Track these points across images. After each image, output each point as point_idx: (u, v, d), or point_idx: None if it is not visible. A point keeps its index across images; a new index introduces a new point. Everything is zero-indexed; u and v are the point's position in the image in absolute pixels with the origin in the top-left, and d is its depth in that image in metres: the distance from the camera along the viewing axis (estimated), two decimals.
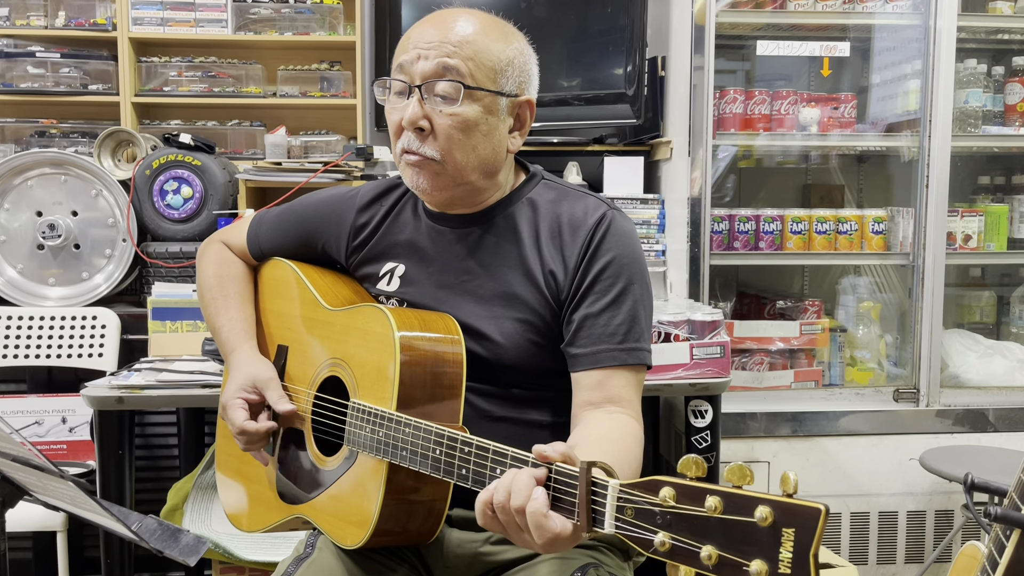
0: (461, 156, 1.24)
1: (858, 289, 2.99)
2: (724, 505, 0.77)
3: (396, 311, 1.25)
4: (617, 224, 1.27)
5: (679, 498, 0.80)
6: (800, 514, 0.73)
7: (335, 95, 3.01)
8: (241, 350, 1.41)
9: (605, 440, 1.15)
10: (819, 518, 0.72)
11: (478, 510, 0.96)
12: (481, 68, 1.23)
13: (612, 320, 1.23)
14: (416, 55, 1.23)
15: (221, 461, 1.52)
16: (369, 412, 1.20)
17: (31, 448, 1.20)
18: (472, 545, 1.28)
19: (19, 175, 2.56)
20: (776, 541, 0.73)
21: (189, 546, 1.21)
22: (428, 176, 1.25)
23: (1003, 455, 2.40)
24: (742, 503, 0.76)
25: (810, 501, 0.73)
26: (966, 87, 2.75)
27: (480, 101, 1.23)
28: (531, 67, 1.30)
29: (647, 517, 0.82)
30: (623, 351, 1.23)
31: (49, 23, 2.93)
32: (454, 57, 1.21)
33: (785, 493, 0.75)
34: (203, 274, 1.52)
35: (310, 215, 1.45)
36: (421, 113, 1.22)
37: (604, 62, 2.79)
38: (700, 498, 0.78)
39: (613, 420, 1.19)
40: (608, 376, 1.22)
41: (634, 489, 0.84)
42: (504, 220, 1.31)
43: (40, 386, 2.60)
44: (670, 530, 0.80)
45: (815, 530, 0.72)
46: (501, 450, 1.01)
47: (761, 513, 0.74)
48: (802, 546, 0.72)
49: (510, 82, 1.26)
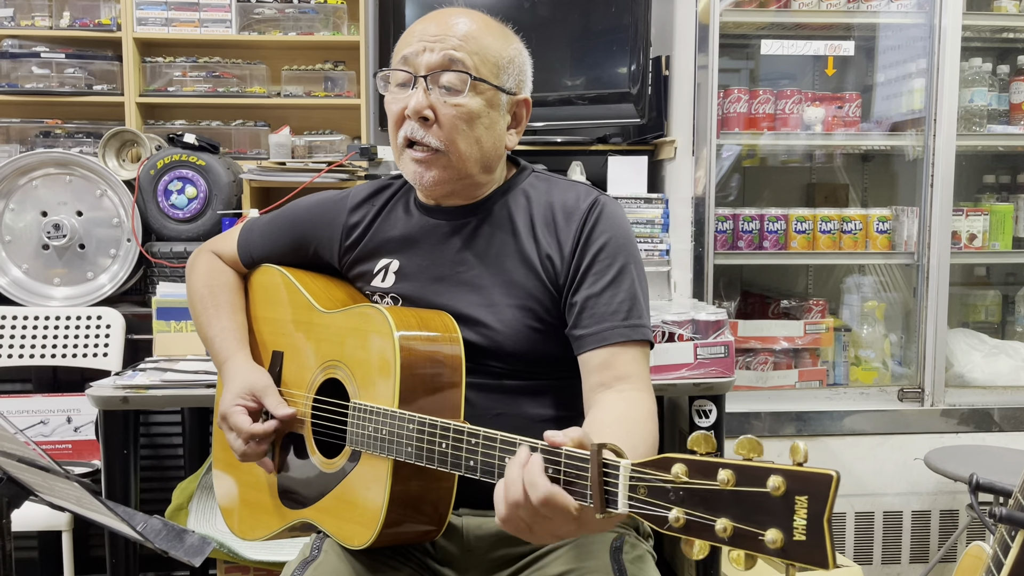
0: (464, 146, 1.26)
1: (862, 288, 2.98)
2: (736, 477, 0.77)
3: (394, 311, 1.25)
4: (609, 208, 1.30)
5: (691, 473, 0.80)
6: (812, 481, 0.73)
7: (339, 95, 3.01)
8: (235, 359, 1.41)
9: (621, 422, 1.15)
10: (831, 484, 0.72)
11: (500, 511, 0.96)
12: (485, 63, 1.26)
13: (614, 299, 1.25)
14: (421, 47, 1.25)
15: (220, 469, 1.51)
16: (371, 411, 1.20)
17: (36, 448, 1.20)
18: (491, 526, 1.27)
19: (24, 175, 2.56)
20: (790, 509, 0.74)
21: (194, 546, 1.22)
22: (435, 169, 1.27)
23: (1008, 455, 2.40)
24: (754, 474, 0.76)
25: (821, 468, 0.73)
26: (971, 86, 2.74)
27: (483, 94, 1.26)
28: (528, 68, 1.35)
29: (660, 494, 0.83)
30: (628, 327, 1.24)
31: (54, 23, 2.94)
32: (460, 50, 1.24)
33: (795, 462, 0.75)
34: (193, 284, 1.52)
35: (301, 219, 1.46)
36: (426, 103, 1.24)
37: (608, 61, 2.78)
38: (712, 472, 0.79)
39: (626, 400, 1.20)
40: (615, 354, 1.23)
41: (646, 467, 0.84)
42: (499, 210, 1.33)
43: (45, 386, 2.61)
44: (684, 506, 0.81)
45: (828, 496, 0.72)
46: (508, 439, 1.01)
47: (773, 483, 0.74)
48: (815, 513, 0.72)
49: (510, 79, 1.30)
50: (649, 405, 1.21)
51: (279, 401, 1.34)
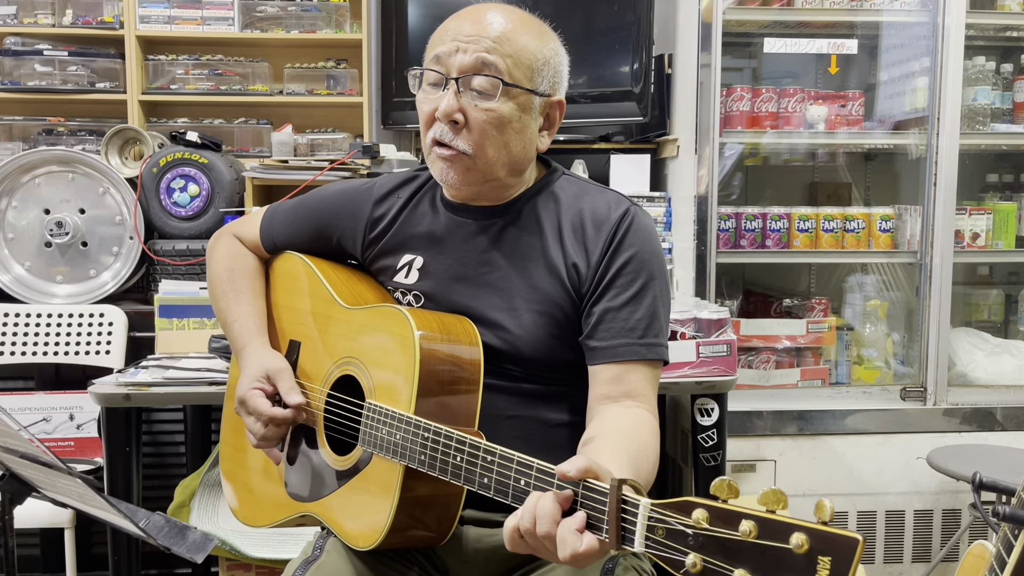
0: (493, 152, 1.24)
1: (865, 287, 2.98)
2: (759, 530, 0.76)
3: (415, 312, 1.24)
4: (639, 220, 1.28)
5: (712, 520, 0.79)
6: (837, 543, 0.72)
7: (341, 93, 3.01)
8: (253, 345, 1.40)
9: (624, 433, 1.15)
10: (856, 548, 0.71)
11: (507, 536, 0.96)
12: (519, 66, 1.23)
13: (632, 315, 1.23)
14: (455, 47, 1.22)
15: (226, 456, 1.51)
16: (387, 414, 1.18)
17: (39, 445, 1.21)
18: (491, 540, 1.28)
19: (27, 173, 2.56)
20: (812, 569, 0.73)
21: (196, 543, 1.22)
22: (459, 170, 1.25)
23: (1011, 454, 2.40)
24: (777, 528, 0.75)
25: (847, 531, 0.72)
26: (974, 84, 2.73)
27: (515, 99, 1.24)
28: (564, 68, 1.31)
29: (679, 538, 0.82)
30: (642, 346, 1.23)
31: (56, 21, 2.94)
32: (493, 53, 1.21)
33: (820, 521, 0.74)
34: (214, 267, 1.50)
35: (325, 208, 1.44)
36: (457, 106, 1.22)
37: (611, 60, 2.78)
38: (735, 521, 0.78)
39: (631, 414, 1.19)
40: (626, 370, 1.22)
41: (666, 509, 0.83)
42: (527, 212, 1.31)
43: (48, 383, 2.61)
44: (702, 552, 0.80)
45: (852, 560, 0.71)
46: (526, 461, 1.00)
47: (797, 540, 0.73)
48: (838, 575, 0.71)
49: (545, 82, 1.27)
50: (652, 424, 1.20)
51: (292, 386, 1.33)
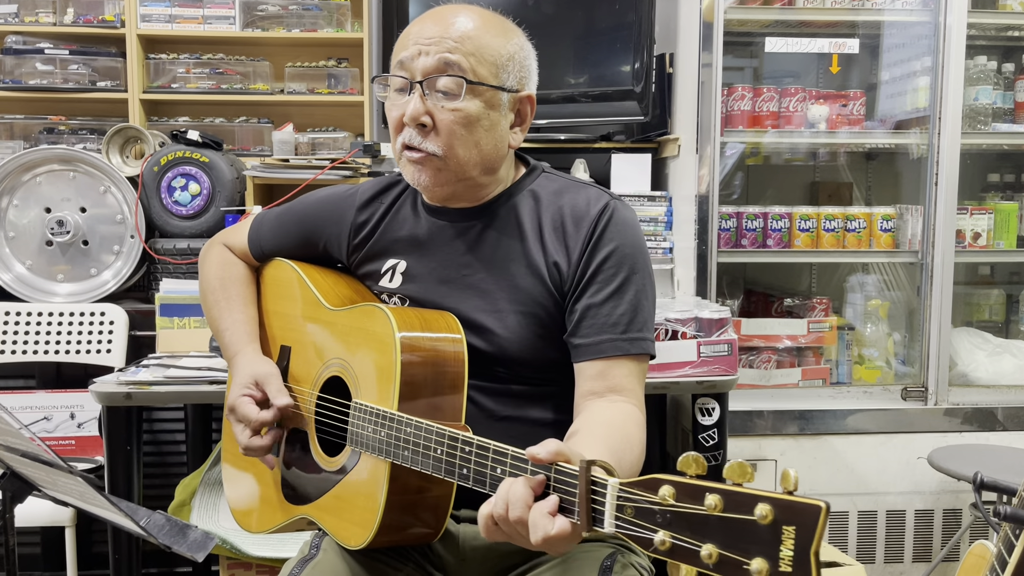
0: (463, 151, 1.24)
1: (866, 287, 2.98)
2: (724, 503, 0.76)
3: (397, 310, 1.24)
4: (619, 214, 1.27)
5: (679, 496, 0.79)
6: (801, 512, 0.72)
7: (342, 92, 3.01)
8: (244, 352, 1.40)
9: (608, 426, 1.15)
10: (820, 516, 0.71)
11: (481, 523, 0.96)
12: (483, 63, 1.23)
13: (615, 310, 1.23)
14: (416, 51, 1.22)
15: (228, 461, 1.52)
16: (371, 412, 1.19)
17: (40, 443, 1.21)
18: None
19: (28, 171, 2.56)
20: (777, 539, 0.72)
21: (197, 542, 1.22)
22: (430, 172, 1.25)
23: (1012, 454, 2.39)
24: (742, 501, 0.75)
25: (811, 499, 0.72)
26: (976, 84, 2.73)
27: (482, 96, 1.23)
28: (531, 63, 1.31)
29: (647, 516, 0.81)
30: (626, 341, 1.23)
31: (58, 20, 2.94)
32: (455, 52, 1.21)
33: (786, 490, 0.74)
34: (205, 276, 1.52)
35: (310, 215, 1.45)
36: (423, 109, 1.22)
37: (612, 59, 2.78)
38: (700, 496, 0.77)
39: (615, 408, 1.19)
40: (610, 366, 1.22)
41: (634, 487, 0.83)
42: (506, 213, 1.31)
43: (49, 382, 2.61)
44: (670, 529, 0.79)
45: (816, 528, 0.71)
46: (501, 449, 1.00)
47: (761, 511, 0.73)
48: (803, 544, 0.71)
49: (511, 77, 1.26)
50: (637, 417, 1.20)
51: (280, 389, 1.33)
